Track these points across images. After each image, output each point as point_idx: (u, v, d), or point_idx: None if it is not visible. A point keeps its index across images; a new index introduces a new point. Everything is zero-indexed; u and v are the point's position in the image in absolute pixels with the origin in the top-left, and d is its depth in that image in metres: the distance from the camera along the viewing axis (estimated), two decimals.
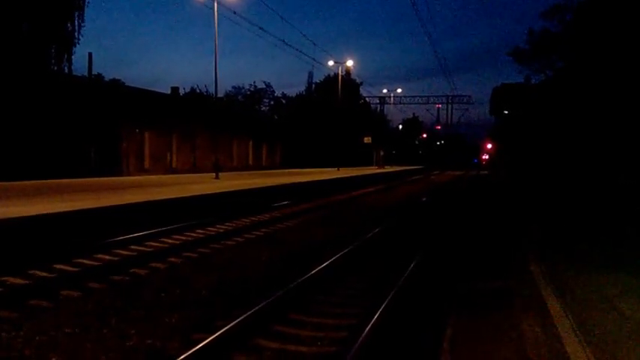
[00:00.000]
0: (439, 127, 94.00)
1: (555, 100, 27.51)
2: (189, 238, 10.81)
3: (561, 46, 26.83)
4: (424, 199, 23.41)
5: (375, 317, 5.41)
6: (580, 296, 6.12)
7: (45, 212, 9.73)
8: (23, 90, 23.38)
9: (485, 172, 69.59)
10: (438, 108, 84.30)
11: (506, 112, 50.48)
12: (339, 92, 46.00)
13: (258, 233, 12.07)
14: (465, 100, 78.91)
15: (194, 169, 34.25)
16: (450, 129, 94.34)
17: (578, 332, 4.81)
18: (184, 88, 58.11)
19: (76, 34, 27.85)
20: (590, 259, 8.39)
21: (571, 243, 10.23)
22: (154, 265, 8.42)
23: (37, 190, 15.14)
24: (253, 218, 14.39)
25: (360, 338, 4.87)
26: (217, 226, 12.67)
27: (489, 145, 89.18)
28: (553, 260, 8.22)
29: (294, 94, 71.49)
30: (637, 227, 12.33)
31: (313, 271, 7.42)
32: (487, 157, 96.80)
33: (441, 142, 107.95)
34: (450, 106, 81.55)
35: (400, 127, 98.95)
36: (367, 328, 5.13)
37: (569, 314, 5.36)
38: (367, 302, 6.37)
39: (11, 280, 7.24)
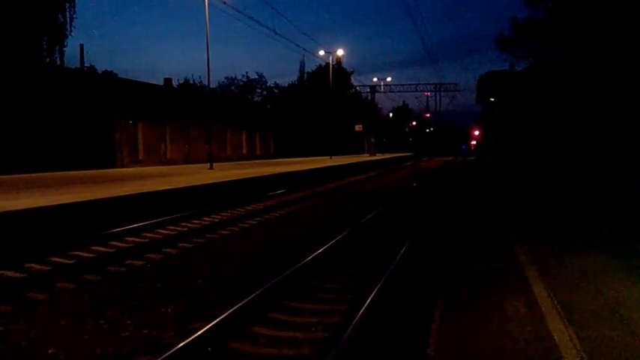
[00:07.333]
0: (428, 115, 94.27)
1: (542, 85, 27.68)
2: (185, 229, 10.91)
3: (545, 33, 27.10)
4: (415, 184, 23.68)
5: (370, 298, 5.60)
6: (563, 277, 6.32)
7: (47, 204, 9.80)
8: (14, 81, 23.25)
9: (472, 157, 70.28)
10: (427, 96, 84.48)
11: (492, 99, 50.64)
12: (330, 81, 46.04)
13: (252, 222, 12.18)
14: (452, 88, 79.13)
15: (188, 159, 34.27)
16: (439, 116, 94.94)
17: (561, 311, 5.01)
18: (178, 79, 58.14)
19: (67, 25, 27.92)
20: (574, 242, 8.59)
21: (556, 226, 10.43)
22: (149, 256, 8.54)
23: (29, 184, 15.16)
24: (248, 207, 14.50)
25: (362, 310, 5.27)
26: (212, 215, 12.78)
27: (477, 132, 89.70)
28: (538, 243, 8.44)
29: (286, 84, 71.63)
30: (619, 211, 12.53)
31: (315, 253, 7.71)
32: (474, 143, 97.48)
33: (430, 130, 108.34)
34: (437, 93, 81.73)
35: (390, 115, 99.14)
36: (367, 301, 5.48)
37: (551, 294, 5.57)
38: (366, 280, 6.65)
39: (8, 273, 7.35)
